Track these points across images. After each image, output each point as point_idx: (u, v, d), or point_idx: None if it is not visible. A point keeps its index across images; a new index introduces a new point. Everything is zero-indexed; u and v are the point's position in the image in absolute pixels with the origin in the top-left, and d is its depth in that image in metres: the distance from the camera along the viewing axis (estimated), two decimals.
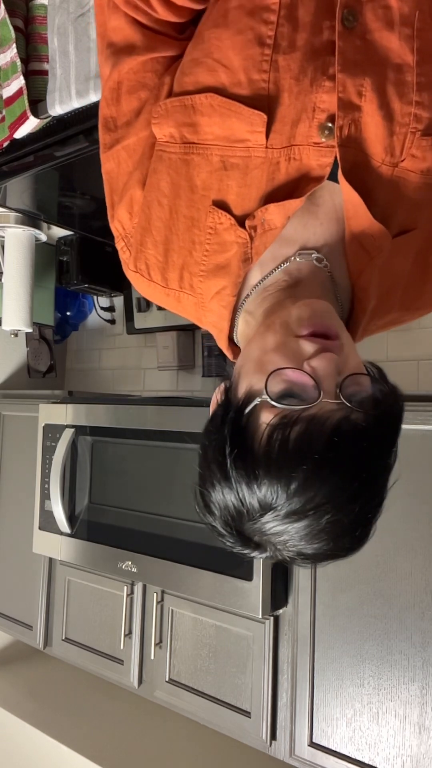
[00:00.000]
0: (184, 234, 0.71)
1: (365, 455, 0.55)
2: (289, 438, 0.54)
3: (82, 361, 2.71)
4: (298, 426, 0.55)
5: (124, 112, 0.73)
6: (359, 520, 0.58)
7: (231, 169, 0.68)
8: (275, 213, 0.68)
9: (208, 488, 0.60)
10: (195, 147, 0.69)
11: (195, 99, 0.68)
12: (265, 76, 0.66)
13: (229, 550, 0.64)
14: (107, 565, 1.78)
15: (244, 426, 0.58)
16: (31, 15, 1.27)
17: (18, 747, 2.01)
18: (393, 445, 0.58)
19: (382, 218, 0.69)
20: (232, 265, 0.71)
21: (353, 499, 0.55)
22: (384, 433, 0.57)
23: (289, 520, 0.55)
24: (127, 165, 0.74)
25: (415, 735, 1.28)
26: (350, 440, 0.54)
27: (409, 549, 1.32)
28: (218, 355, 2.14)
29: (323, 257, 0.71)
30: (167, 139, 0.70)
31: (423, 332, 1.79)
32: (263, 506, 0.56)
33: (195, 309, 0.76)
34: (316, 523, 0.55)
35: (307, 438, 0.54)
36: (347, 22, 0.67)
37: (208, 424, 0.63)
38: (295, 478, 0.54)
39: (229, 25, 0.67)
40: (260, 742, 1.50)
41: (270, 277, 0.71)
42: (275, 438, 0.55)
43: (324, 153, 0.67)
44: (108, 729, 1.95)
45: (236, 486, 0.57)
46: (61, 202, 1.92)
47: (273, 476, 0.55)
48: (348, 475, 0.54)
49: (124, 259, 0.77)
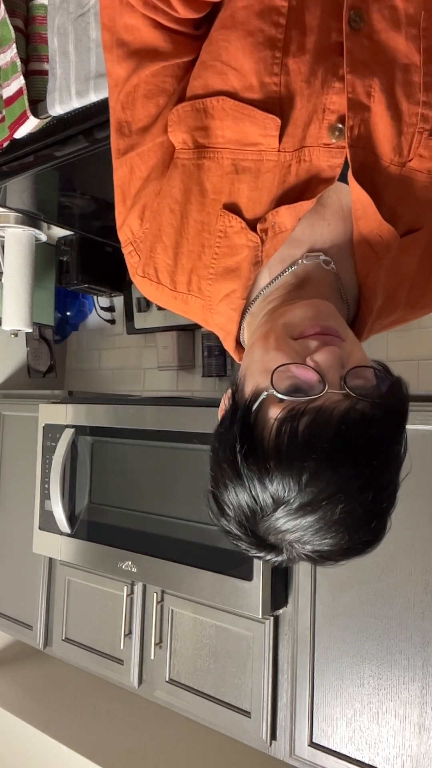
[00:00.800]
0: (194, 238, 0.71)
1: (374, 443, 0.55)
2: (298, 429, 0.55)
3: (82, 361, 2.71)
4: (305, 417, 0.55)
5: (139, 117, 0.72)
6: (374, 509, 0.57)
7: (242, 173, 0.68)
8: (286, 215, 0.68)
9: (220, 489, 0.60)
10: (207, 151, 0.69)
11: (206, 102, 0.68)
12: (276, 79, 0.66)
13: (246, 555, 0.63)
14: (107, 565, 1.78)
15: (253, 423, 0.59)
16: (31, 15, 1.27)
17: (18, 747, 2.01)
18: (401, 433, 0.58)
19: (390, 218, 0.70)
20: (243, 269, 0.71)
21: (366, 488, 0.55)
22: (391, 421, 0.57)
23: (303, 513, 0.55)
24: (141, 171, 0.73)
25: (415, 735, 1.28)
26: (358, 429, 0.55)
27: (409, 549, 1.32)
28: (218, 355, 2.14)
29: (330, 259, 0.71)
30: (181, 146, 0.70)
31: (423, 332, 1.79)
32: (276, 501, 0.56)
33: (202, 311, 0.76)
34: (330, 514, 0.55)
35: (315, 428, 0.54)
36: (354, 23, 0.67)
37: (218, 427, 0.63)
38: (306, 468, 0.54)
39: (237, 27, 0.67)
40: (260, 742, 1.50)
41: (278, 280, 0.72)
42: (284, 431, 0.55)
43: (334, 154, 0.68)
44: (108, 729, 1.95)
45: (248, 483, 0.57)
46: (61, 202, 1.92)
47: (284, 469, 0.55)
48: (358, 464, 0.55)
49: (131, 264, 0.77)
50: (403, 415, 0.59)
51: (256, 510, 0.57)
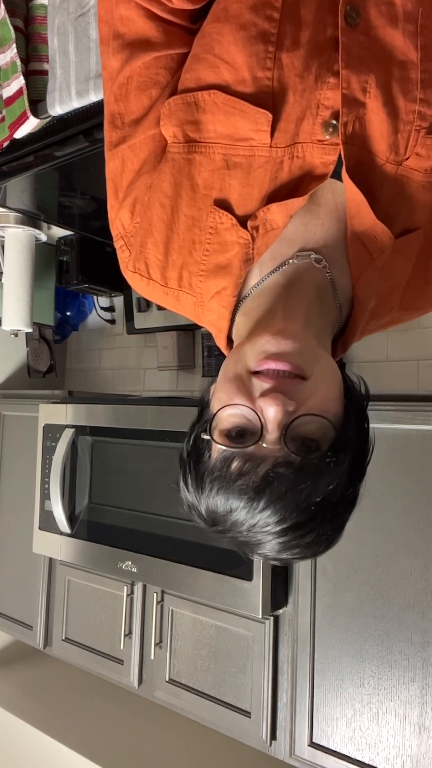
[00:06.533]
0: (185, 233, 0.71)
1: (292, 503, 0.58)
2: (227, 473, 0.60)
3: (82, 361, 2.71)
4: (235, 463, 0.60)
5: (132, 109, 0.71)
6: (293, 546, 0.62)
7: (234, 168, 0.68)
8: (277, 212, 0.67)
9: (178, 484, 0.68)
10: (197, 145, 0.68)
11: (198, 96, 0.67)
12: (269, 73, 0.65)
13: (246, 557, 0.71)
14: (107, 565, 1.78)
15: (200, 447, 0.65)
16: (31, 15, 1.27)
17: (18, 747, 2.01)
18: (332, 491, 0.60)
19: (385, 218, 0.68)
20: (233, 266, 0.70)
21: (284, 533, 0.59)
22: (318, 480, 0.59)
23: (228, 534, 0.63)
24: (133, 164, 0.72)
25: (415, 735, 1.28)
26: (277, 488, 0.58)
27: (409, 549, 1.32)
28: (218, 354, 2.14)
29: (322, 258, 0.70)
30: (172, 140, 0.69)
31: (423, 332, 1.79)
32: (208, 515, 0.63)
33: (194, 308, 0.75)
34: (252, 543, 0.62)
35: (240, 476, 0.59)
36: (350, 18, 0.66)
37: (189, 428, 0.69)
38: (230, 504, 0.60)
39: (230, 20, 0.66)
40: (260, 742, 1.50)
41: (268, 279, 0.71)
42: (218, 467, 0.61)
43: (328, 150, 0.67)
44: (108, 729, 1.95)
45: (192, 492, 0.65)
46: (61, 202, 1.91)
47: (213, 498, 0.61)
48: (276, 514, 0.59)
49: (122, 258, 0.76)
50: (335, 473, 0.60)
51: (195, 513, 0.66)
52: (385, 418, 1.34)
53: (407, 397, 1.36)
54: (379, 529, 1.36)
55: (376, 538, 1.36)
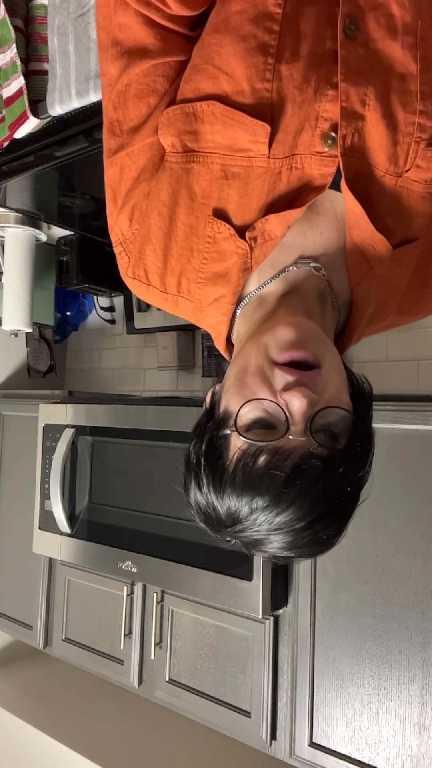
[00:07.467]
0: (183, 242, 0.71)
1: (322, 493, 0.59)
2: (253, 468, 0.59)
3: (82, 361, 2.71)
4: (263, 457, 0.59)
5: (130, 117, 0.71)
6: (316, 541, 0.62)
7: (232, 179, 0.68)
8: (275, 223, 0.68)
9: (187, 488, 0.66)
10: (196, 155, 0.68)
11: (196, 106, 0.67)
12: (268, 85, 0.65)
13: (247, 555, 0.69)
14: (107, 565, 1.78)
15: (218, 446, 0.63)
16: (31, 15, 1.27)
17: (18, 747, 2.01)
18: (358, 479, 0.62)
19: (384, 228, 0.69)
20: (231, 274, 0.70)
21: (307, 528, 0.60)
22: (347, 470, 0.60)
23: (249, 537, 0.62)
24: (131, 171, 0.73)
25: (415, 735, 1.28)
26: (308, 479, 0.58)
27: (409, 549, 1.32)
28: (218, 355, 2.14)
29: (321, 266, 0.70)
30: (170, 149, 0.70)
31: (423, 332, 1.79)
32: (227, 518, 0.62)
33: (193, 312, 0.76)
34: (274, 542, 0.61)
35: (268, 471, 0.58)
36: (349, 31, 0.66)
37: (193, 430, 0.67)
38: (256, 502, 0.59)
39: (230, 31, 0.66)
40: (260, 742, 1.50)
41: (267, 286, 0.71)
42: (241, 465, 0.60)
43: (326, 162, 0.67)
44: (108, 729, 1.95)
45: (207, 494, 0.63)
46: (61, 202, 1.92)
47: (236, 498, 0.60)
48: (303, 509, 0.58)
49: (122, 264, 0.77)
50: (360, 464, 0.62)
51: (211, 516, 0.64)
52: (384, 418, 1.34)
53: (407, 397, 1.36)
54: (379, 529, 1.36)
55: (376, 538, 1.36)
